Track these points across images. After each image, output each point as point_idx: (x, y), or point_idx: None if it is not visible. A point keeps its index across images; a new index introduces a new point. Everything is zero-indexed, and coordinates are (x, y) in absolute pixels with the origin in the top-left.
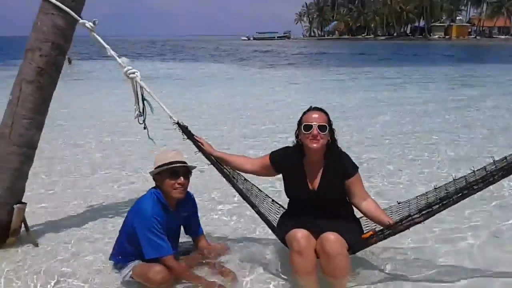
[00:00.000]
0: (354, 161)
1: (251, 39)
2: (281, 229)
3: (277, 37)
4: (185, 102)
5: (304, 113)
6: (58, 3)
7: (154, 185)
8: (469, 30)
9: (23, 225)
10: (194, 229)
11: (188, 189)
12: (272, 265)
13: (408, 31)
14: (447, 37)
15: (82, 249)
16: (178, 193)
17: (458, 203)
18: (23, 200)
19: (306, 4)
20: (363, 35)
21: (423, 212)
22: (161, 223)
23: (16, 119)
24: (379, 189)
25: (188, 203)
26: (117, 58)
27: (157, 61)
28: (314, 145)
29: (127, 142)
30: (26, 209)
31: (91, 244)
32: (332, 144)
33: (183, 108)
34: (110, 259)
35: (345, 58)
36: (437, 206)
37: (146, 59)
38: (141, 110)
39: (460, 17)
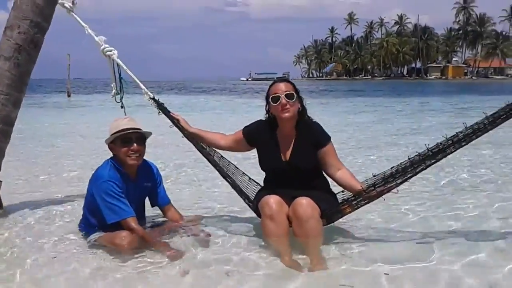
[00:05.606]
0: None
1: (250, 79)
2: (256, 200)
3: (276, 77)
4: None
5: (270, 86)
6: None
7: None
8: (465, 70)
9: None
10: (160, 199)
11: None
12: (246, 233)
13: (405, 72)
14: (443, 77)
15: (54, 219)
16: (133, 160)
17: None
18: None
19: (304, 46)
20: (360, 76)
21: (396, 177)
22: (120, 187)
23: None
24: None
25: (150, 173)
26: (95, 37)
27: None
28: (286, 114)
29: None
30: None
31: (62, 217)
32: (303, 112)
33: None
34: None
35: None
36: (410, 169)
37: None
38: (118, 89)
39: (456, 58)
